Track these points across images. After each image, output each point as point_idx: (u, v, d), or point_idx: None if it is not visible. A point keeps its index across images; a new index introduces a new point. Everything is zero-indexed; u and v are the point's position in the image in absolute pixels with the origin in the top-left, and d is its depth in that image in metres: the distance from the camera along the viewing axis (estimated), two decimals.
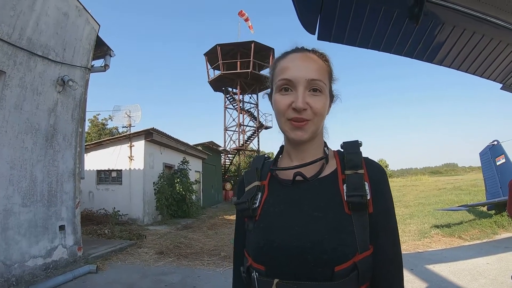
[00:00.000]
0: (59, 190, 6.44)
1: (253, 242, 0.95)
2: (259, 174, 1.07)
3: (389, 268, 0.91)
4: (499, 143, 10.47)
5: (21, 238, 5.45)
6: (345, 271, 0.82)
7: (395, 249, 0.94)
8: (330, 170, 0.98)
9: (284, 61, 1.00)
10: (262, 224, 0.95)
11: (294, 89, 0.94)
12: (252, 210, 0.97)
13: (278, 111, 0.97)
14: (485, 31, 1.90)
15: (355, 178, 0.91)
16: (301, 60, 0.98)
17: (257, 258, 0.92)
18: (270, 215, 0.95)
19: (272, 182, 1.04)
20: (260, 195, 1.01)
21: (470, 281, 5.27)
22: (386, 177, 0.98)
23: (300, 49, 1.02)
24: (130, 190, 13.26)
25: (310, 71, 0.95)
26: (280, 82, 0.96)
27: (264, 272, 0.89)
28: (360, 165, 0.94)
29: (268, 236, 0.91)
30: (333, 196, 0.92)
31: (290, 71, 0.96)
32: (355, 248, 0.84)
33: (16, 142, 5.51)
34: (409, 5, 1.68)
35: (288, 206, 0.94)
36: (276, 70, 1.02)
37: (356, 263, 0.84)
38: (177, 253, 7.82)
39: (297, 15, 1.73)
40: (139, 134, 13.43)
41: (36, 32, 5.87)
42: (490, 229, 8.83)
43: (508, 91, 2.56)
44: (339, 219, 0.88)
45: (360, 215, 0.88)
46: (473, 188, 19.41)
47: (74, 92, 6.92)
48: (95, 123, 26.57)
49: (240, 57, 27.59)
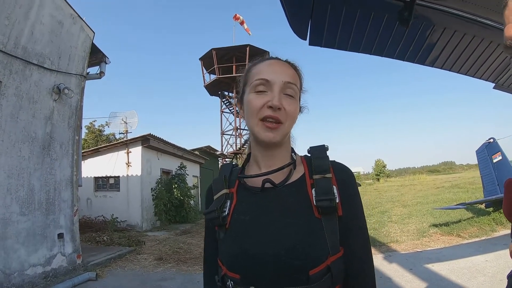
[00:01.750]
0: (57, 198, 6.43)
1: (226, 251, 0.95)
2: (227, 181, 1.07)
3: (361, 267, 0.94)
4: (495, 141, 10.49)
5: (20, 247, 5.43)
6: (319, 274, 0.84)
7: (365, 249, 0.96)
8: (298, 175, 1.00)
9: (260, 65, 1.03)
10: (233, 232, 0.96)
11: (269, 90, 0.96)
12: (222, 219, 0.97)
13: (252, 110, 0.97)
14: (476, 31, 1.92)
15: (324, 182, 0.93)
16: (278, 65, 1.01)
17: (231, 267, 0.92)
18: (241, 223, 0.96)
19: (240, 189, 1.04)
20: (229, 203, 1.01)
21: (469, 279, 5.29)
22: (354, 179, 1.00)
23: (275, 57, 1.05)
24: (128, 197, 13.22)
25: (286, 75, 0.98)
26: (256, 82, 0.97)
27: (239, 280, 0.89)
28: (327, 169, 0.95)
29: (241, 245, 0.92)
30: (302, 202, 0.93)
31: (267, 73, 0.98)
32: (327, 251, 0.87)
33: (13, 151, 5.50)
34: (399, 9, 1.69)
35: (258, 214, 0.95)
36: (251, 72, 1.03)
37: (329, 265, 0.86)
38: (176, 259, 7.81)
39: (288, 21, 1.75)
40: (136, 140, 13.40)
41: (31, 41, 5.88)
42: (488, 226, 8.85)
43: (500, 90, 2.58)
44: (310, 223, 0.89)
45: (330, 218, 0.90)
46: (471, 186, 19.40)
47: (70, 100, 6.92)
48: (92, 129, 26.45)
49: (235, 61, 27.52)
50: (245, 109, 1.03)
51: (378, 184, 42.90)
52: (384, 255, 7.26)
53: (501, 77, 2.39)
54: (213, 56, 27.31)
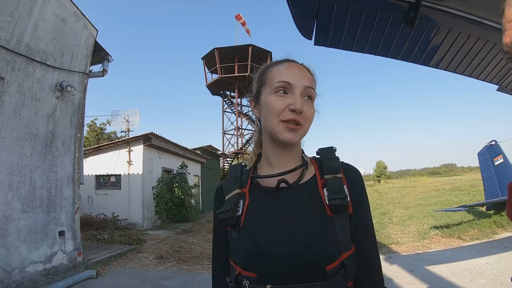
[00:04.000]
0: (58, 195, 6.43)
1: (241, 251, 0.96)
2: (239, 182, 1.08)
3: (369, 264, 0.97)
4: (497, 143, 10.46)
5: (21, 244, 5.44)
6: (335, 270, 0.87)
7: (373, 246, 0.99)
8: (310, 176, 1.03)
9: (280, 66, 1.04)
10: (248, 231, 0.96)
11: (291, 93, 0.98)
12: (236, 218, 0.98)
13: (273, 112, 0.98)
14: (480, 33, 1.91)
15: (335, 182, 0.96)
16: (297, 68, 1.03)
17: (247, 266, 0.92)
18: (256, 222, 0.97)
19: (253, 189, 1.05)
20: (242, 202, 1.02)
21: (469, 282, 5.27)
22: (362, 179, 1.04)
23: (292, 60, 1.08)
24: (129, 195, 13.25)
25: (306, 79, 1.01)
26: (278, 84, 0.99)
27: (255, 279, 0.90)
28: (338, 170, 0.99)
29: (257, 243, 0.92)
30: (314, 201, 0.96)
31: (288, 75, 0.99)
32: (339, 248, 0.89)
33: (15, 148, 5.51)
34: (405, 10, 1.70)
35: (272, 213, 0.96)
36: (271, 73, 1.04)
37: (343, 261, 0.88)
38: (177, 258, 7.81)
39: (293, 20, 1.75)
40: (138, 138, 13.44)
41: (34, 38, 5.88)
42: (489, 229, 8.82)
43: (504, 93, 2.58)
44: (323, 221, 0.92)
45: (341, 216, 0.93)
46: (472, 188, 19.38)
47: (73, 98, 6.93)
48: (93, 128, 26.46)
49: (237, 60, 27.48)
50: (263, 110, 1.04)
51: (379, 185, 42.84)
52: (385, 257, 7.24)
53: (505, 80, 2.39)
54: (215, 56, 27.25)
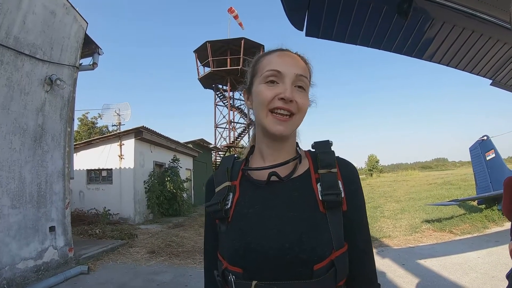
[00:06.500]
0: (49, 190, 6.36)
1: (228, 245, 0.93)
2: (230, 174, 1.05)
3: (363, 261, 0.95)
4: (488, 138, 10.56)
5: (11, 240, 5.37)
6: (324, 269, 0.84)
7: (367, 243, 0.98)
8: (303, 169, 0.99)
9: (271, 55, 1.01)
10: (236, 225, 0.94)
11: (281, 82, 0.95)
12: (224, 211, 0.95)
13: (262, 101, 0.95)
14: (475, 27, 1.90)
15: (329, 177, 0.93)
16: (289, 57, 1.00)
17: (233, 260, 0.90)
18: (244, 216, 0.94)
19: (244, 182, 1.02)
20: (231, 195, 0.99)
21: (461, 276, 5.32)
22: (358, 175, 1.01)
23: (286, 49, 1.04)
24: (120, 189, 13.16)
25: (297, 68, 0.97)
26: (268, 73, 0.96)
27: (241, 274, 0.88)
28: (333, 164, 0.95)
29: (244, 238, 0.90)
30: (307, 196, 0.93)
31: (278, 64, 0.96)
32: (331, 246, 0.86)
33: (4, 143, 5.42)
34: (398, 1, 1.67)
35: (262, 207, 0.93)
36: (261, 62, 1.02)
37: (333, 260, 0.85)
38: (169, 252, 7.80)
39: (284, 11, 1.71)
40: (129, 132, 13.32)
41: (23, 31, 5.77)
42: (480, 223, 8.94)
43: (498, 87, 2.57)
44: (315, 218, 0.89)
45: (335, 213, 0.90)
46: (463, 182, 19.59)
47: (62, 91, 6.82)
48: (85, 122, 26.28)
49: (230, 54, 27.39)
50: (254, 100, 1.02)
51: (371, 179, 43.12)
52: (377, 250, 7.29)
53: (499, 74, 2.38)
54: (207, 49, 27.13)
